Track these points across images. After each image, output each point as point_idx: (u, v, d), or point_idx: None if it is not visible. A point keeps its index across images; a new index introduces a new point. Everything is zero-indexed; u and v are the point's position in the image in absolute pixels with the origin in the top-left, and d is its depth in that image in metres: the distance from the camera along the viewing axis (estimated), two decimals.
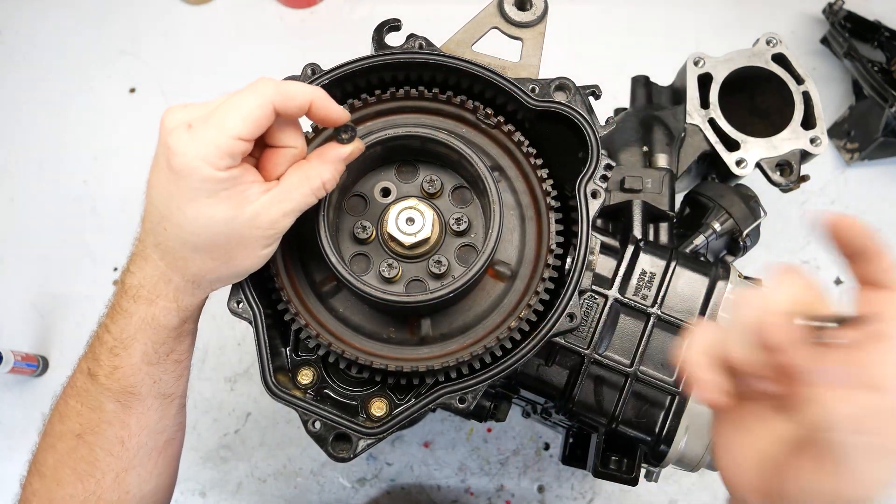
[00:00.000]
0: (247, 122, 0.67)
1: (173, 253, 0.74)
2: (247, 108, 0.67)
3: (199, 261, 0.74)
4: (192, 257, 0.74)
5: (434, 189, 0.86)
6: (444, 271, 0.84)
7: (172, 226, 0.71)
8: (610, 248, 1.01)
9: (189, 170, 0.67)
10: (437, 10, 1.78)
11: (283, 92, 0.69)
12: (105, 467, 0.80)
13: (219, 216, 0.70)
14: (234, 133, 0.67)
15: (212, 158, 0.67)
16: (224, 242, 0.72)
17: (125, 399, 0.79)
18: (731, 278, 0.99)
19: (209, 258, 0.73)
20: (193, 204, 0.69)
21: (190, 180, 0.68)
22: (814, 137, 1.18)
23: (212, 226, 0.70)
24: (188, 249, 0.73)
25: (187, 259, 0.74)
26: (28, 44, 1.87)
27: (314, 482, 1.54)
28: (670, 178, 1.11)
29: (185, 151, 0.67)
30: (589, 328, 0.99)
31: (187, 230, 0.71)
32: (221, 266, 0.74)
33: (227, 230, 0.71)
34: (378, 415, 0.85)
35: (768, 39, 1.22)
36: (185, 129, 0.68)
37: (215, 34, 1.87)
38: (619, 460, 1.03)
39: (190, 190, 0.68)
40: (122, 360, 0.78)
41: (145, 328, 0.77)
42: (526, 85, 0.86)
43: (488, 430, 1.57)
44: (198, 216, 0.69)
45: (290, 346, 0.88)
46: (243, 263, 0.75)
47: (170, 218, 0.71)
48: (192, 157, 0.67)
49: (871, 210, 1.69)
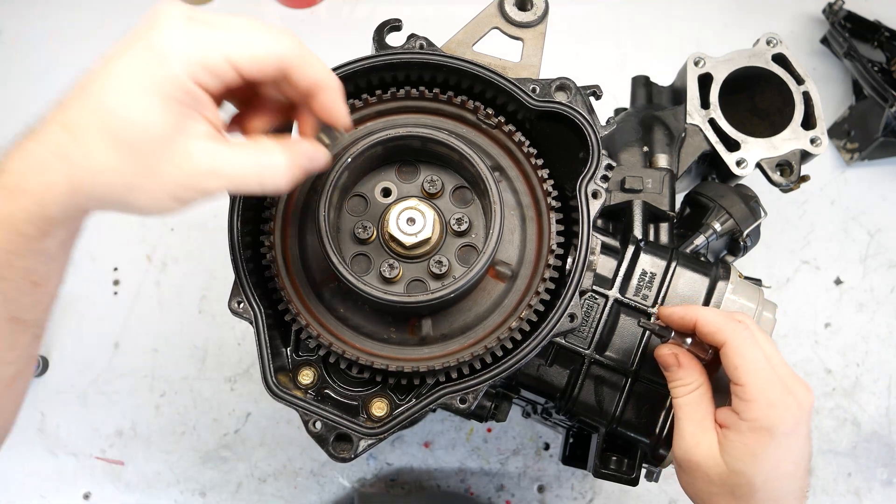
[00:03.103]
0: (252, 59, 0.60)
1: (84, 134, 0.59)
2: (261, 47, 0.60)
3: (109, 156, 0.59)
4: (103, 148, 0.59)
5: (435, 189, 0.86)
6: (444, 271, 0.83)
7: (105, 104, 0.59)
8: (610, 249, 1.01)
9: (163, 57, 0.58)
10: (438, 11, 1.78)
11: (302, 56, 0.62)
12: None
13: (158, 122, 0.58)
14: (233, 58, 0.59)
15: (194, 65, 0.58)
16: (145, 153, 0.59)
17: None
18: (732, 278, 0.99)
19: (121, 157, 0.59)
20: (143, 94, 0.58)
21: (158, 69, 0.58)
22: (814, 137, 1.18)
23: (147, 127, 0.58)
24: (106, 137, 0.59)
25: (96, 148, 0.59)
26: (28, 44, 1.87)
27: (314, 482, 1.54)
28: (671, 179, 1.11)
29: (172, 37, 0.58)
30: (589, 328, 0.99)
31: (121, 115, 0.58)
32: (125, 176, 0.60)
33: (156, 143, 0.59)
34: (379, 415, 0.85)
35: (768, 39, 1.22)
36: (185, 19, 0.59)
37: None
38: (619, 460, 1.03)
39: (151, 78, 0.58)
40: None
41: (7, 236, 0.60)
42: (527, 85, 0.86)
43: (488, 430, 1.57)
44: (140, 108, 0.58)
45: (291, 347, 0.88)
46: (147, 195, 0.62)
47: (106, 96, 0.59)
48: (175, 48, 0.58)
49: (871, 210, 1.69)
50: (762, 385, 0.76)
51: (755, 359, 0.78)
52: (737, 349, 0.78)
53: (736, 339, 0.79)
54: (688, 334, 0.86)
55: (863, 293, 1.65)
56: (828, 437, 1.56)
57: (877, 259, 1.67)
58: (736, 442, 0.77)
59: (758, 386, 0.76)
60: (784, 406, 0.76)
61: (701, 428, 0.82)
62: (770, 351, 0.79)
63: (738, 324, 0.80)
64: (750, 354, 0.78)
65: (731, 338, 0.79)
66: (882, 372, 1.60)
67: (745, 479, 0.77)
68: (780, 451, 0.76)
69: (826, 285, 1.65)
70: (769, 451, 0.76)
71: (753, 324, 0.83)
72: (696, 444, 0.81)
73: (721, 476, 0.79)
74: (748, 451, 0.76)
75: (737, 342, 0.79)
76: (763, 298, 1.00)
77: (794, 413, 0.76)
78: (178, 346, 1.61)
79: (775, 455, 0.76)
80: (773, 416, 0.75)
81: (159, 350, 1.60)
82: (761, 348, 0.79)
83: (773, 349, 0.80)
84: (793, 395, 0.77)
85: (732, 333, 0.79)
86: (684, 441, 0.82)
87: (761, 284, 1.05)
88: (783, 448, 0.76)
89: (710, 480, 0.80)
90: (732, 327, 0.80)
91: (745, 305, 0.98)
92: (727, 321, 0.81)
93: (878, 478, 1.54)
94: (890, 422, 1.57)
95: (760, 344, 0.79)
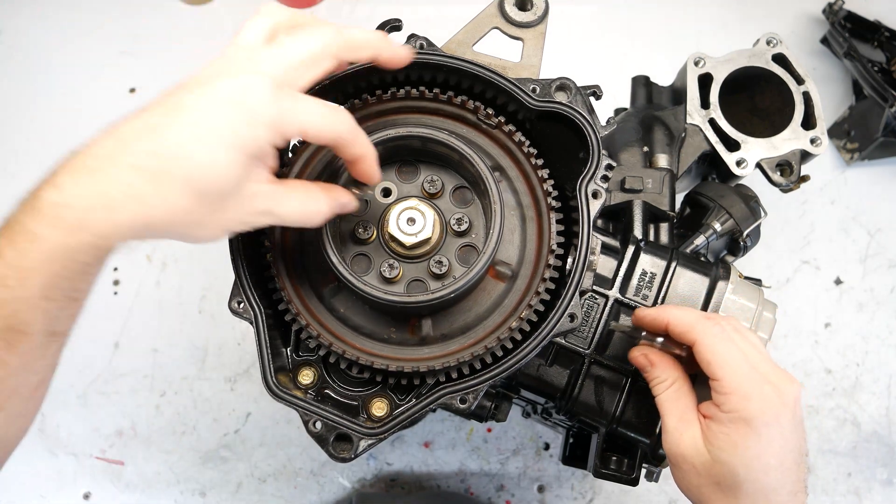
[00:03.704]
0: (318, 133, 0.69)
1: (164, 180, 0.62)
2: (327, 124, 0.69)
3: (186, 201, 0.63)
4: (181, 194, 0.63)
5: (435, 189, 0.86)
6: (444, 271, 0.83)
7: (190, 156, 0.63)
8: (610, 249, 1.01)
9: (253, 121, 0.64)
10: (438, 11, 1.78)
11: (354, 134, 0.72)
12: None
13: (236, 175, 0.65)
14: (305, 129, 0.67)
15: (274, 130, 0.65)
16: (219, 199, 0.65)
17: (11, 337, 0.65)
18: (732, 278, 0.99)
19: (197, 202, 0.64)
20: (228, 150, 0.63)
21: (247, 130, 0.64)
22: (814, 137, 1.18)
23: (228, 179, 0.64)
24: (187, 185, 0.63)
25: (174, 193, 0.63)
26: (28, 44, 1.87)
27: (314, 482, 1.54)
28: (671, 179, 1.11)
29: (263, 104, 0.64)
30: (589, 328, 0.99)
31: (205, 168, 0.63)
32: (195, 216, 0.65)
33: (230, 191, 0.65)
34: (379, 415, 0.85)
35: (768, 39, 1.23)
36: (274, 88, 0.65)
37: (215, 34, 1.87)
38: (619, 460, 1.03)
39: (239, 137, 0.64)
40: (16, 292, 0.63)
41: (56, 260, 0.62)
42: (527, 85, 0.86)
43: (488, 430, 1.57)
44: (224, 163, 0.64)
45: (291, 347, 0.88)
46: (205, 229, 0.67)
47: (192, 148, 0.63)
48: (264, 115, 0.64)
49: (871, 210, 1.69)
50: (738, 378, 0.78)
51: (726, 353, 0.80)
52: (707, 346, 0.81)
53: (706, 337, 0.81)
54: (661, 334, 0.88)
55: (863, 293, 1.65)
56: (828, 437, 1.56)
57: (877, 259, 1.67)
58: (717, 432, 0.79)
59: (733, 379, 0.78)
60: (761, 397, 0.77)
61: (683, 421, 0.84)
62: (745, 346, 0.81)
63: (707, 321, 0.83)
64: (721, 349, 0.80)
65: (700, 336, 0.82)
66: (882, 372, 1.60)
67: (728, 469, 0.78)
68: (761, 443, 0.77)
69: (826, 285, 1.65)
70: (749, 442, 0.77)
71: (733, 321, 0.85)
72: (680, 436, 0.83)
73: (706, 466, 0.80)
74: (729, 441, 0.78)
75: (707, 339, 0.81)
76: (763, 298, 1.00)
77: (774, 404, 0.77)
78: (178, 346, 1.61)
79: (756, 446, 0.77)
80: (751, 407, 0.77)
81: (159, 350, 1.60)
82: (735, 344, 0.81)
83: (749, 345, 0.81)
84: (772, 386, 0.78)
85: (702, 331, 0.82)
86: (669, 435, 0.84)
87: (761, 284, 1.05)
88: (764, 439, 0.77)
89: (697, 472, 0.81)
90: (702, 325, 0.83)
91: (745, 305, 0.98)
92: (697, 319, 0.84)
93: (878, 478, 1.54)
94: (890, 422, 1.57)
95: (734, 340, 0.81)
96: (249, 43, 0.71)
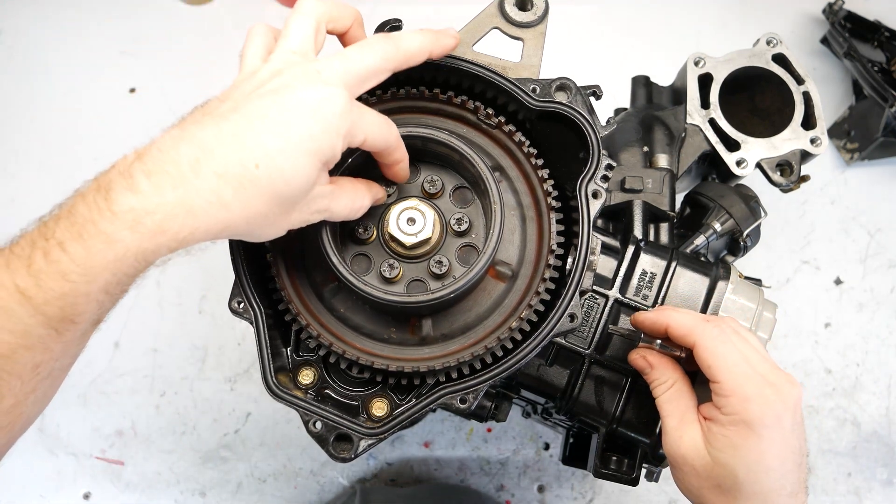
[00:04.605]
0: (374, 142, 0.73)
1: (249, 187, 0.64)
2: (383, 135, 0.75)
3: (265, 206, 0.66)
4: (262, 200, 0.65)
5: (435, 189, 0.86)
6: (444, 271, 0.83)
7: (276, 166, 0.64)
8: (610, 249, 1.01)
9: (332, 134, 0.67)
10: (438, 11, 1.79)
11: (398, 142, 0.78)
12: (6, 391, 0.66)
13: (312, 181, 0.68)
14: (366, 139, 0.72)
15: (345, 140, 0.69)
16: (293, 203, 0.69)
17: (62, 326, 0.64)
18: (732, 278, 0.99)
19: (275, 207, 0.67)
20: (309, 159, 0.66)
21: (326, 141, 0.67)
22: (814, 137, 1.18)
23: (305, 186, 0.68)
24: (268, 192, 0.65)
25: (256, 200, 0.65)
26: (28, 44, 1.87)
27: (314, 482, 1.55)
28: (671, 179, 1.11)
29: (342, 117, 0.67)
30: (589, 328, 0.99)
31: (288, 177, 0.65)
32: (269, 219, 0.68)
33: (304, 195, 0.69)
34: (379, 415, 0.85)
35: (768, 39, 1.22)
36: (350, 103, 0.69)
37: (215, 34, 1.87)
38: (619, 460, 1.03)
39: (319, 148, 0.66)
40: (78, 287, 0.62)
41: (127, 260, 0.62)
42: (527, 85, 0.86)
43: (488, 430, 1.57)
44: (305, 172, 0.66)
45: (291, 347, 0.88)
46: (272, 228, 0.71)
47: (279, 158, 0.64)
48: (342, 127, 0.68)
49: (871, 210, 1.70)
50: (738, 380, 0.78)
51: (726, 355, 0.80)
52: (707, 348, 0.81)
53: (706, 339, 0.81)
54: (660, 336, 0.88)
55: (863, 293, 1.65)
56: (828, 437, 1.56)
57: (877, 259, 1.67)
58: (718, 434, 0.79)
59: (733, 381, 0.78)
60: (762, 399, 0.77)
61: (683, 422, 0.84)
62: (745, 348, 0.81)
63: (706, 324, 0.83)
64: (721, 351, 0.80)
65: (700, 338, 0.82)
66: (882, 372, 1.60)
67: (728, 471, 0.78)
68: (761, 445, 0.77)
69: (826, 285, 1.65)
70: (750, 444, 0.77)
71: (733, 321, 0.86)
72: (680, 437, 0.83)
73: (706, 468, 0.80)
74: (729, 443, 0.78)
75: (707, 342, 0.81)
76: (763, 298, 1.00)
77: (775, 406, 0.77)
78: (178, 346, 1.61)
79: (757, 448, 0.77)
80: (752, 409, 0.77)
81: (159, 350, 1.60)
82: (734, 346, 0.81)
83: (749, 347, 0.82)
84: (773, 388, 0.78)
85: (702, 334, 0.82)
86: (669, 437, 0.85)
87: (761, 284, 1.05)
88: (765, 441, 0.77)
89: (697, 473, 0.82)
90: (702, 328, 0.83)
91: (745, 305, 0.98)
92: (696, 322, 0.84)
93: (878, 478, 1.54)
94: (890, 422, 1.57)
95: (734, 342, 0.81)
96: (301, 46, 0.73)
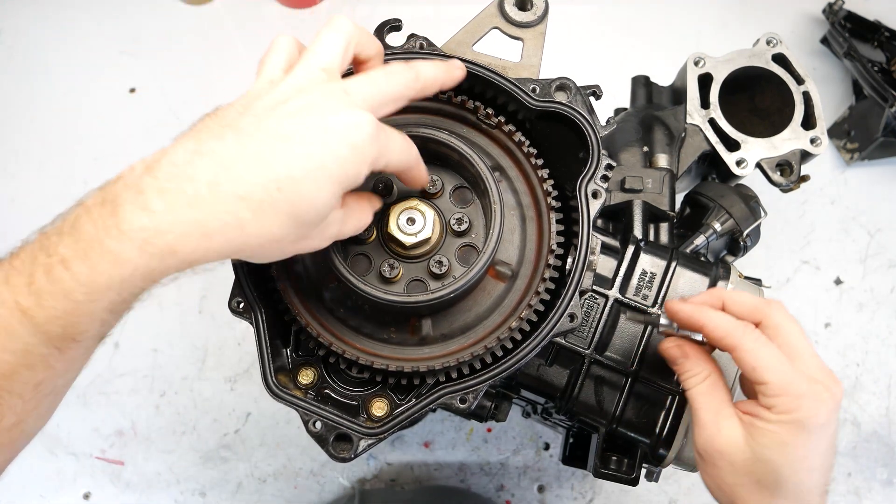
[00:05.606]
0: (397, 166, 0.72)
1: (269, 211, 0.62)
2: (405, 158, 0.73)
3: (283, 230, 0.64)
4: (281, 225, 0.63)
5: (435, 189, 0.86)
6: (444, 271, 0.83)
7: (300, 191, 0.62)
8: (610, 249, 1.01)
9: (360, 161, 0.65)
10: (438, 11, 1.79)
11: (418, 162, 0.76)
12: (7, 409, 0.64)
13: (334, 202, 0.66)
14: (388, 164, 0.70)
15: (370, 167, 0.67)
16: (311, 227, 0.66)
17: (63, 344, 0.62)
18: (732, 278, 0.99)
19: (293, 231, 0.64)
20: (334, 186, 0.64)
21: (352, 168, 0.65)
22: (814, 137, 1.18)
23: (326, 212, 0.66)
24: (290, 217, 0.63)
25: (275, 223, 0.63)
26: (28, 44, 1.87)
27: (314, 482, 1.55)
28: (671, 178, 1.11)
29: (369, 145, 0.65)
30: (589, 328, 0.99)
31: (312, 202, 0.63)
32: (283, 244, 0.66)
33: (323, 218, 0.66)
34: (379, 415, 0.85)
35: (768, 39, 1.23)
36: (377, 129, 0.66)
37: (215, 34, 1.87)
38: (619, 460, 1.03)
39: (346, 175, 0.64)
40: (82, 306, 0.60)
41: (134, 280, 0.60)
42: (527, 85, 0.86)
43: (488, 430, 1.57)
44: (327, 198, 0.64)
45: (291, 347, 0.88)
46: (281, 253, 0.68)
47: (304, 184, 0.62)
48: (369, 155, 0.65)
49: (871, 210, 1.70)
50: (786, 379, 0.75)
51: (770, 358, 0.76)
52: (750, 352, 0.77)
53: (747, 343, 0.78)
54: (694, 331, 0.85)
55: (863, 293, 1.65)
56: None
57: (877, 259, 1.67)
58: (765, 430, 0.76)
59: (782, 381, 0.75)
60: (815, 397, 0.75)
61: (720, 415, 0.80)
62: (797, 344, 0.78)
63: (745, 327, 0.79)
64: (764, 354, 0.77)
65: (740, 342, 0.78)
66: (882, 372, 1.60)
67: (772, 468, 0.75)
68: (810, 443, 0.75)
69: (826, 285, 1.65)
70: (799, 442, 0.75)
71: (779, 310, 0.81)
72: (718, 431, 0.79)
73: (746, 463, 0.77)
74: (777, 440, 0.75)
75: (749, 345, 0.77)
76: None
77: (828, 404, 0.75)
78: (178, 346, 1.61)
79: (805, 446, 0.75)
80: (805, 406, 0.74)
81: (159, 350, 1.60)
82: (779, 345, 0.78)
83: (796, 343, 0.78)
84: (822, 386, 0.76)
85: (742, 338, 0.78)
86: (705, 430, 0.80)
87: (761, 284, 1.05)
88: (815, 440, 0.75)
89: (734, 469, 0.78)
90: (741, 332, 0.79)
91: None
92: (735, 327, 0.79)
93: (878, 478, 1.54)
94: (890, 422, 1.57)
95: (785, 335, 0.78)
96: (329, 64, 0.70)
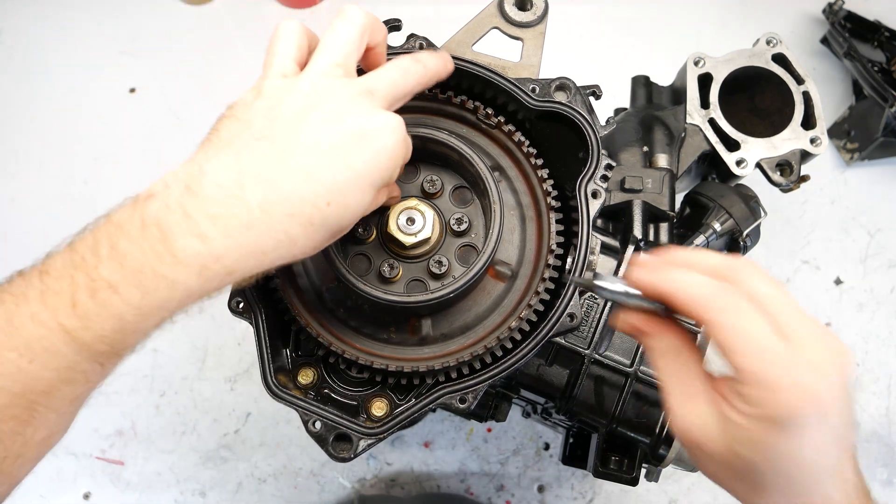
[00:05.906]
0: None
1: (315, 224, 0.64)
2: None
3: (322, 238, 0.66)
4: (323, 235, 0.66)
5: (434, 189, 0.86)
6: (444, 271, 0.83)
7: (346, 202, 0.65)
8: (610, 248, 1.01)
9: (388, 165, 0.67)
10: (438, 11, 1.79)
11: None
12: (40, 424, 0.63)
13: (371, 200, 0.68)
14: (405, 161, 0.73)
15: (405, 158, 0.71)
16: (346, 230, 0.68)
17: (108, 360, 0.62)
18: None
19: (329, 238, 0.67)
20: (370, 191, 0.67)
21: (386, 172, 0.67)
22: (814, 137, 1.18)
23: (365, 210, 0.68)
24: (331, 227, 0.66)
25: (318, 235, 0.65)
26: (28, 44, 1.87)
27: (314, 482, 1.54)
28: (670, 178, 1.11)
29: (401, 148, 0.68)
30: (589, 328, 0.99)
31: (355, 211, 0.66)
32: (319, 248, 0.68)
33: (356, 220, 0.68)
34: (378, 415, 0.85)
35: (768, 39, 1.23)
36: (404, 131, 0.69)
37: (215, 34, 1.87)
38: (619, 460, 1.03)
39: (381, 178, 0.67)
40: (131, 326, 0.60)
41: (187, 300, 0.61)
42: (526, 85, 0.86)
43: (488, 430, 1.57)
44: (364, 205, 0.67)
45: (291, 347, 0.88)
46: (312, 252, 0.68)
47: (349, 194, 0.65)
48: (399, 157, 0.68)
49: (871, 210, 1.69)
50: (763, 364, 0.57)
51: (749, 331, 0.59)
52: (726, 326, 0.59)
53: (725, 315, 0.59)
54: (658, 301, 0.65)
55: (863, 293, 1.65)
56: None
57: (877, 259, 1.67)
58: (737, 422, 0.60)
59: (757, 366, 0.58)
60: (794, 388, 0.56)
61: (689, 399, 0.64)
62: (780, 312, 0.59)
63: (724, 293, 0.60)
64: (742, 327, 0.59)
65: (717, 315, 0.60)
66: (882, 372, 1.60)
67: (749, 465, 0.61)
68: (791, 442, 0.58)
69: (826, 285, 1.65)
70: (775, 441, 0.58)
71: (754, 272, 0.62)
72: (687, 420, 0.64)
73: (724, 457, 0.62)
74: (749, 437, 0.59)
75: (726, 318, 0.59)
76: None
77: (812, 395, 0.57)
78: (178, 346, 1.61)
79: (785, 445, 0.58)
80: (780, 402, 0.57)
81: (159, 350, 1.60)
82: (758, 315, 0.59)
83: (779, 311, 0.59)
84: (810, 367, 0.57)
85: (722, 310, 0.60)
86: (675, 418, 0.65)
87: None
88: (796, 438, 0.58)
89: (713, 461, 0.64)
90: (723, 301, 0.60)
91: None
92: (713, 293, 0.61)
93: (878, 478, 1.54)
94: (890, 422, 1.57)
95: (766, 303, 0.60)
96: (346, 60, 0.71)
